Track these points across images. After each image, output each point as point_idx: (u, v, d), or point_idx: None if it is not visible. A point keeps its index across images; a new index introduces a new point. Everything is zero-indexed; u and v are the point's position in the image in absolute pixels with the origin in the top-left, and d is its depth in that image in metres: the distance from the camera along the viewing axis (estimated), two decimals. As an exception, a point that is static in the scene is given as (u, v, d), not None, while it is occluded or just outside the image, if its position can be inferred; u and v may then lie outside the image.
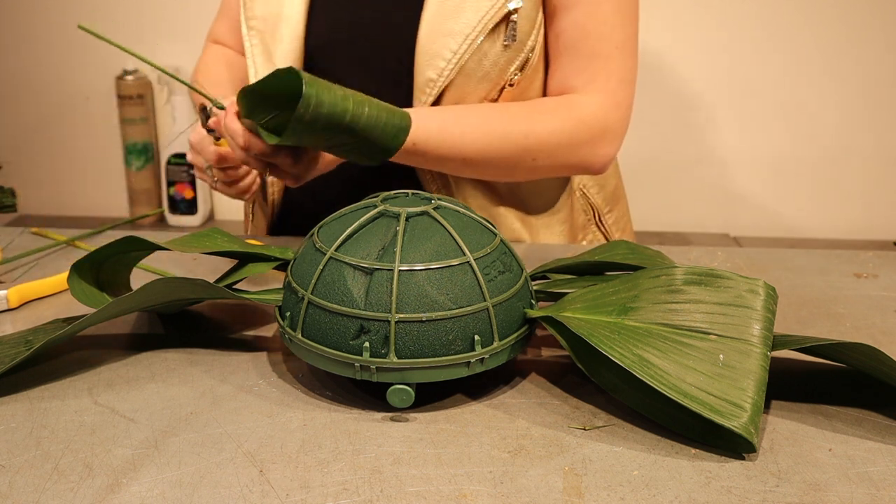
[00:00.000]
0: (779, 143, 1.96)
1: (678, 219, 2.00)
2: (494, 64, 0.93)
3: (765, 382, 0.60)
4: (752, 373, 0.60)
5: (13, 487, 0.54)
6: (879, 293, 0.86)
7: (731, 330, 0.63)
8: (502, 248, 0.67)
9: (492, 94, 0.94)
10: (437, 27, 0.92)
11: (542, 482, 0.55)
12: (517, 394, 0.66)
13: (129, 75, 1.91)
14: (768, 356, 0.62)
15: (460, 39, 0.91)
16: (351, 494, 0.53)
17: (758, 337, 0.62)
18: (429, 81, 0.92)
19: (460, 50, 0.91)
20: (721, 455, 0.58)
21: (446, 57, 0.91)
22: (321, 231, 0.67)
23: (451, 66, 0.92)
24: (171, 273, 0.88)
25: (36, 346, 0.66)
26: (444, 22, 0.91)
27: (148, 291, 0.65)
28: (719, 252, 0.98)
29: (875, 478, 0.56)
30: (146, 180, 1.99)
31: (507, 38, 0.92)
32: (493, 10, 0.90)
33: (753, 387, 0.60)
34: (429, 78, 0.92)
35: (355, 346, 0.62)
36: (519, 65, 0.94)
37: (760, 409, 0.59)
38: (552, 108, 0.94)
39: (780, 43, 1.89)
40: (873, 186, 1.99)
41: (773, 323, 0.64)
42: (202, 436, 0.60)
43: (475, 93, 0.94)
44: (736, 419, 0.57)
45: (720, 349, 0.61)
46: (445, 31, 0.91)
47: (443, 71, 0.92)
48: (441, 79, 0.92)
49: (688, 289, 0.65)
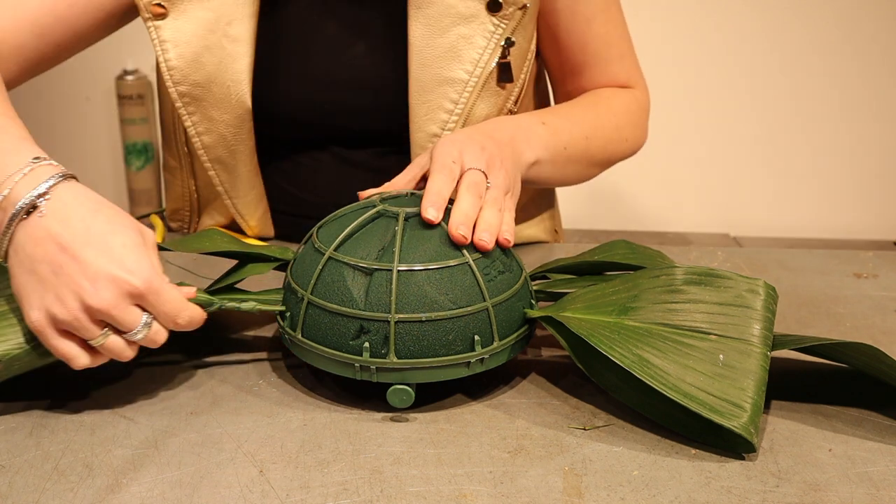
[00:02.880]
0: (779, 143, 1.96)
1: (678, 219, 2.00)
2: (493, 104, 0.88)
3: (765, 382, 0.60)
4: (752, 373, 0.60)
5: (13, 487, 0.54)
6: (879, 293, 0.86)
7: (732, 330, 0.63)
8: (502, 247, 0.67)
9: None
10: (430, 78, 0.85)
11: (542, 482, 0.55)
12: (517, 394, 0.66)
13: (129, 75, 1.91)
14: (768, 356, 0.62)
15: (460, 87, 0.86)
16: (351, 494, 0.53)
17: (758, 337, 0.62)
18: (431, 137, 0.86)
19: (461, 98, 0.86)
20: (721, 455, 0.58)
21: (447, 108, 0.86)
22: (320, 231, 0.67)
23: (455, 117, 0.86)
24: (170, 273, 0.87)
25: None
26: (436, 71, 0.85)
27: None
28: (719, 252, 0.98)
29: (875, 478, 0.56)
30: (146, 180, 1.99)
31: (504, 79, 0.87)
32: (488, 53, 0.85)
33: (753, 387, 0.60)
34: (431, 133, 0.86)
35: (355, 347, 0.62)
36: (514, 98, 0.90)
37: (760, 409, 0.59)
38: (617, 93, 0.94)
39: (779, 43, 1.89)
40: (873, 186, 1.99)
41: (773, 323, 0.64)
42: (202, 436, 0.60)
43: None
44: (736, 419, 0.57)
45: (720, 349, 0.61)
46: (441, 80, 0.85)
47: (446, 123, 0.86)
48: (445, 132, 0.86)
49: (688, 289, 0.65)
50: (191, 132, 0.90)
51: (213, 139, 0.90)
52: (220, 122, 0.89)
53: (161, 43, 0.86)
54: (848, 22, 1.87)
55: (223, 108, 0.88)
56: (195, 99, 0.88)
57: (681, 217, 2.00)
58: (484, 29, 0.85)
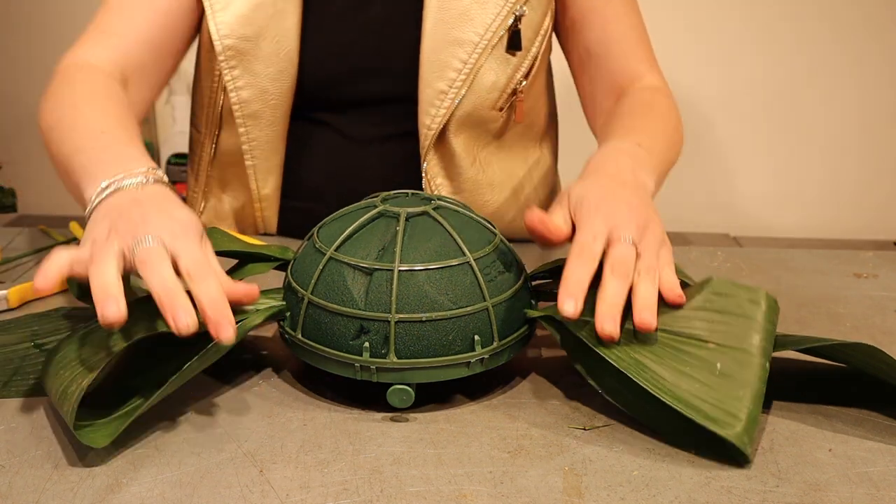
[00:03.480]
0: (779, 143, 1.97)
1: (678, 219, 2.00)
2: (502, 72, 0.93)
3: (762, 394, 0.59)
4: (749, 383, 0.59)
5: (13, 487, 0.54)
6: (879, 293, 0.86)
7: (731, 339, 0.62)
8: (502, 248, 0.67)
9: (499, 103, 0.94)
10: (442, 36, 0.91)
11: (542, 482, 0.55)
12: (517, 394, 0.66)
13: (129, 75, 1.91)
14: (767, 368, 0.61)
15: (469, 48, 0.90)
16: (351, 494, 0.53)
17: (757, 347, 0.61)
18: (438, 94, 0.92)
19: (470, 59, 0.91)
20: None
21: (456, 67, 0.91)
22: (321, 231, 0.67)
23: (463, 76, 0.91)
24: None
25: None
26: (448, 30, 0.91)
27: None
28: (719, 252, 0.98)
29: (875, 478, 0.56)
30: (146, 180, 1.99)
31: (513, 46, 0.92)
32: (500, 19, 0.90)
33: (750, 397, 0.59)
34: (439, 90, 0.92)
35: (355, 347, 0.62)
36: (524, 72, 0.94)
37: (756, 421, 0.58)
38: (657, 95, 0.96)
39: (779, 43, 1.89)
40: (873, 186, 1.99)
41: (774, 334, 0.63)
42: (202, 436, 0.60)
43: (485, 102, 0.93)
44: (730, 428, 0.56)
45: (718, 358, 0.61)
46: (451, 40, 0.91)
47: (454, 81, 0.91)
48: (452, 90, 0.91)
49: (688, 295, 0.64)
50: (229, 87, 0.92)
51: (253, 93, 0.93)
52: (264, 75, 0.92)
53: (212, 4, 0.91)
54: (848, 22, 1.87)
55: (268, 62, 0.92)
56: (240, 53, 0.91)
57: (681, 217, 2.00)
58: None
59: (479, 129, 0.95)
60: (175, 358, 0.61)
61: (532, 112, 1.00)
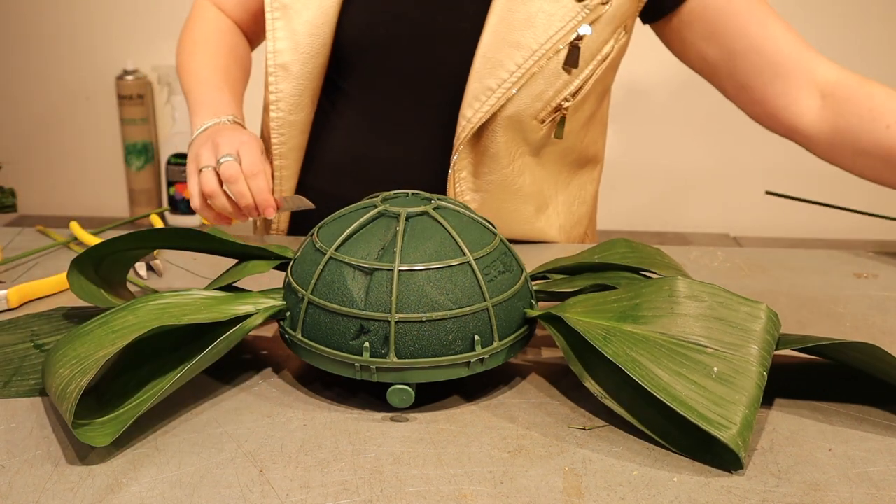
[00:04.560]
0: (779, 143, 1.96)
1: (678, 219, 2.00)
2: (551, 84, 0.92)
3: (758, 400, 0.59)
4: (745, 389, 0.59)
5: (13, 487, 0.54)
6: (879, 293, 0.86)
7: (729, 347, 0.61)
8: (502, 248, 0.67)
9: (541, 115, 0.94)
10: (503, 36, 0.91)
11: (542, 482, 0.55)
12: (517, 394, 0.66)
13: (129, 75, 1.91)
14: (764, 376, 0.60)
15: (527, 54, 0.90)
16: (351, 494, 0.53)
17: (755, 357, 0.61)
18: (486, 90, 0.91)
19: (525, 64, 0.90)
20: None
21: (510, 69, 0.91)
22: (321, 231, 0.67)
23: (514, 78, 0.91)
24: (170, 273, 0.88)
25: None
26: (510, 32, 0.90)
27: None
28: (719, 252, 0.98)
29: (875, 478, 0.56)
30: (146, 180, 1.99)
31: (570, 62, 0.92)
32: (563, 33, 0.90)
33: (746, 402, 0.58)
34: (487, 86, 0.91)
35: (355, 346, 0.62)
36: (573, 90, 0.93)
37: (751, 426, 0.58)
38: (863, 78, 1.01)
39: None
40: (873, 186, 1.99)
41: (773, 346, 0.63)
42: (202, 436, 0.60)
43: (528, 110, 0.93)
44: (725, 430, 0.56)
45: (715, 363, 0.61)
46: (511, 42, 0.90)
47: (504, 82, 0.91)
48: (501, 89, 0.91)
49: (689, 303, 0.64)
50: (269, 37, 0.96)
51: (288, 45, 0.96)
52: (303, 32, 0.96)
53: None
54: (847, 22, 1.87)
55: (307, 18, 0.96)
56: (284, 7, 0.96)
57: (681, 217, 2.00)
58: (566, 11, 0.90)
59: (520, 135, 0.95)
60: (175, 357, 0.62)
61: (573, 136, 0.99)
